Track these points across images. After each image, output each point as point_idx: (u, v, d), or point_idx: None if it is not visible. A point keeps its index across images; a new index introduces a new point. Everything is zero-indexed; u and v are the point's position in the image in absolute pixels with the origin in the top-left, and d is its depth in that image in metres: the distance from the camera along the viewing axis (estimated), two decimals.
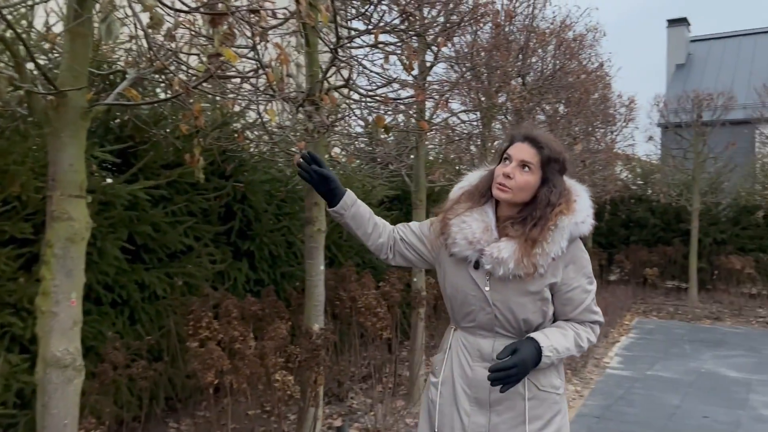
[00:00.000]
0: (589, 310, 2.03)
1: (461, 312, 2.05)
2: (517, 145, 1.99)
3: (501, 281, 1.94)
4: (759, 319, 9.80)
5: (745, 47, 24.54)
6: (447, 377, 2.08)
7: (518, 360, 1.85)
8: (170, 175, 3.81)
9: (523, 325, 1.97)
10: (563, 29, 6.94)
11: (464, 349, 2.05)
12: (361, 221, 2.12)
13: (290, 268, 4.89)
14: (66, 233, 2.18)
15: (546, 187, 1.96)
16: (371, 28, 2.86)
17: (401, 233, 2.18)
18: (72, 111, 2.18)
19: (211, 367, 2.72)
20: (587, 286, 2.02)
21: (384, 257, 2.19)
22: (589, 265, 2.05)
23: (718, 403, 5.51)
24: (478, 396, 2.00)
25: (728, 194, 11.84)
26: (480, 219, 2.00)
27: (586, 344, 2.03)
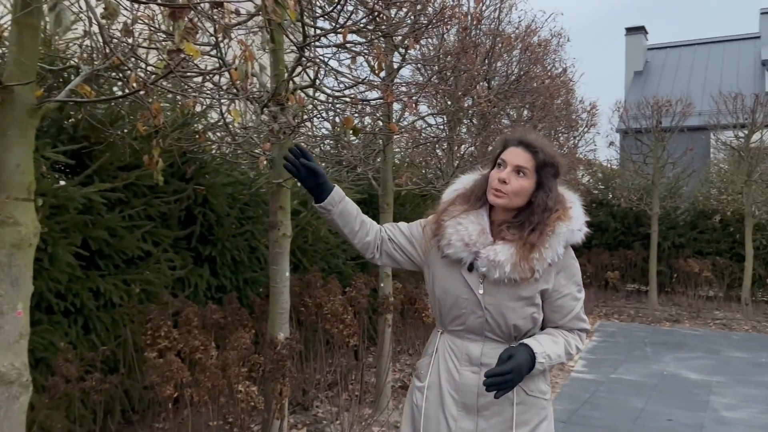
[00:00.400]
0: (578, 317, 2.04)
1: (450, 315, 2.03)
2: (511, 149, 1.98)
3: (495, 285, 1.94)
4: (716, 321, 10.01)
5: (699, 56, 25.25)
6: (433, 381, 2.05)
7: (514, 365, 1.85)
8: (127, 177, 3.65)
9: (513, 330, 1.97)
10: (528, 34, 6.96)
11: (452, 353, 2.03)
12: (348, 218, 2.07)
13: (253, 273, 4.75)
14: (12, 239, 2.02)
15: (542, 191, 1.96)
16: (339, 27, 2.77)
17: (389, 233, 2.15)
18: (19, 108, 2.03)
19: (171, 380, 2.58)
20: (577, 294, 2.04)
21: (370, 256, 2.15)
22: (579, 274, 2.06)
23: (681, 405, 5.57)
24: (465, 401, 1.99)
25: (686, 199, 12.09)
26: (476, 221, 2.00)
27: (574, 351, 2.05)
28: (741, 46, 24.78)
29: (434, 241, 2.05)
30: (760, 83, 21.75)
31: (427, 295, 2.12)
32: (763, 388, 6.18)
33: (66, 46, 3.31)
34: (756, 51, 23.72)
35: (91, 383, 2.71)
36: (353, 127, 2.80)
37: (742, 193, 10.50)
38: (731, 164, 11.66)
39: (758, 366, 7.14)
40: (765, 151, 10.61)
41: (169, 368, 2.60)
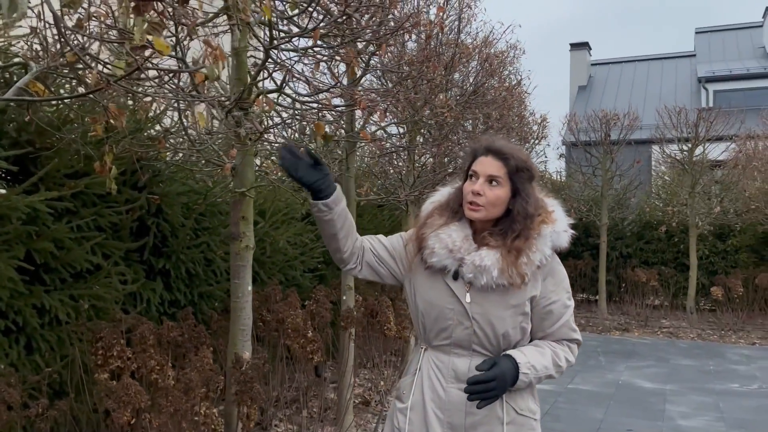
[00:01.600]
0: (568, 326, 1.96)
1: (435, 329, 1.93)
2: (480, 159, 1.92)
3: (482, 293, 1.87)
4: (663, 329, 10.25)
5: (640, 72, 26.16)
6: (417, 401, 1.94)
7: (498, 373, 1.79)
8: (75, 185, 3.40)
9: (502, 341, 1.88)
10: (486, 45, 6.98)
11: (437, 369, 1.92)
12: (346, 221, 1.93)
13: (209, 287, 4.53)
14: None
15: (519, 198, 1.89)
16: (309, 30, 2.64)
17: (370, 244, 2.04)
18: None
19: (128, 405, 2.38)
20: (567, 301, 1.96)
21: (352, 266, 2.03)
22: (567, 280, 1.99)
23: (639, 415, 5.61)
24: (452, 421, 1.88)
25: (633, 210, 12.39)
26: (458, 229, 1.93)
27: (564, 363, 1.96)
28: (678, 63, 25.84)
29: (417, 256, 1.97)
30: (696, 99, 22.67)
31: (389, 307, 2.02)
32: (714, 395, 6.31)
33: (8, 42, 3.07)
34: (692, 68, 24.74)
35: (36, 410, 2.48)
36: (324, 134, 2.66)
37: (687, 204, 10.81)
38: (674, 176, 12.02)
39: (707, 373, 7.31)
40: (707, 164, 10.97)
41: (126, 392, 2.40)
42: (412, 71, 4.24)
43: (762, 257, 11.14)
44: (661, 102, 17.00)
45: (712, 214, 10.70)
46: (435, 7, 5.07)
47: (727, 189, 11.14)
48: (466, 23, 6.32)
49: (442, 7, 4.62)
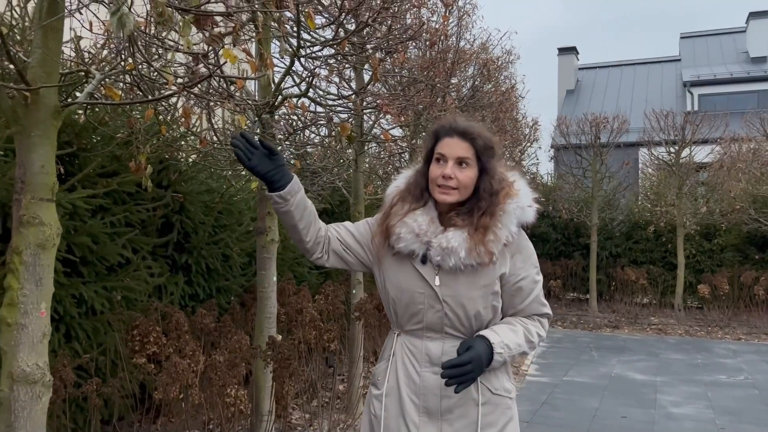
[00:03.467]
0: (538, 301, 1.94)
1: (407, 314, 1.90)
2: (446, 141, 1.88)
3: (451, 275, 1.84)
4: (652, 326, 10.55)
5: (626, 76, 26.61)
6: (392, 387, 1.91)
7: (474, 355, 1.75)
8: (109, 183, 3.62)
9: (474, 322, 1.86)
10: (484, 50, 7.25)
11: (410, 354, 1.90)
12: (305, 210, 1.88)
13: (226, 282, 4.75)
14: (36, 239, 2.03)
15: (486, 176, 1.87)
16: (338, 39, 2.88)
17: (336, 233, 1.99)
18: (43, 109, 2.05)
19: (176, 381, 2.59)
20: (536, 277, 1.94)
21: (318, 256, 1.98)
22: (535, 255, 1.97)
23: (632, 404, 5.88)
24: (427, 405, 1.86)
25: (622, 211, 12.72)
26: (424, 214, 1.90)
27: (536, 339, 1.93)
28: (664, 67, 26.30)
29: (385, 244, 1.93)
30: (681, 102, 23.13)
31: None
32: (702, 386, 6.60)
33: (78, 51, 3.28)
34: (677, 72, 25.21)
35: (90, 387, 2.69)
36: (349, 135, 2.90)
37: (674, 205, 11.14)
38: (661, 178, 12.36)
39: (695, 366, 7.60)
40: (693, 166, 11.31)
41: (175, 370, 2.62)
42: (419, 76, 4.49)
43: (746, 256, 11.50)
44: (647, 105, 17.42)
45: (698, 215, 11.04)
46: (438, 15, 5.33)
47: (712, 190, 11.49)
48: (465, 30, 6.58)
49: (446, 15, 4.87)
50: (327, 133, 4.26)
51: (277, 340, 2.96)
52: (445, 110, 5.45)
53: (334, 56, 3.16)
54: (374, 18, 3.37)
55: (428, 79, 4.70)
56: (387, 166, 6.70)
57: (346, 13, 2.70)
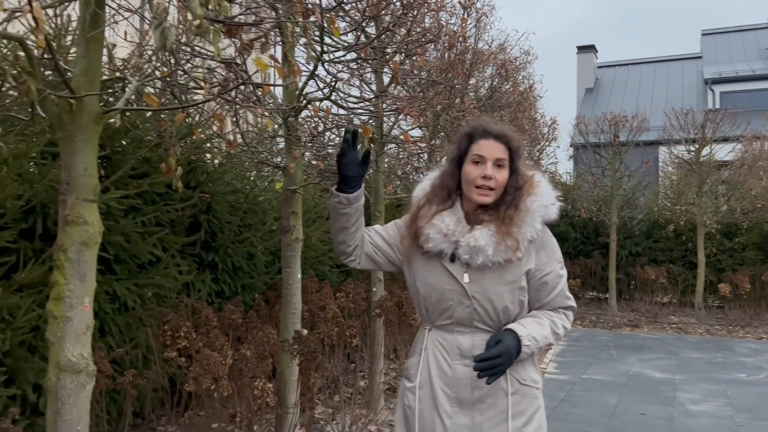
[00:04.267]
0: (563, 294, 2.03)
1: (437, 309, 1.99)
2: (483, 143, 1.96)
3: (479, 272, 1.93)
4: (672, 325, 10.53)
5: (646, 74, 26.43)
6: (424, 380, 2.01)
7: (503, 349, 1.84)
8: (140, 185, 3.77)
9: (502, 316, 1.95)
10: (502, 51, 7.32)
11: (442, 348, 1.99)
12: (359, 219, 2.03)
13: (250, 280, 4.89)
14: (80, 237, 2.16)
15: (515, 176, 1.98)
16: (361, 44, 2.99)
17: (368, 236, 2.11)
18: (86, 115, 2.18)
19: (208, 373, 2.72)
20: (560, 271, 2.02)
21: (352, 259, 2.09)
22: (558, 250, 2.05)
23: (651, 401, 5.93)
24: (459, 396, 1.95)
25: (642, 210, 12.69)
26: (451, 214, 1.98)
27: (561, 331, 2.02)
28: (684, 65, 26.08)
29: (414, 245, 2.02)
30: (702, 100, 22.95)
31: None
32: (722, 384, 6.62)
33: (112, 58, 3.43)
34: (698, 70, 24.98)
35: (127, 378, 2.83)
36: (371, 137, 3.01)
37: (694, 203, 11.11)
38: (681, 177, 12.32)
39: (715, 365, 7.61)
40: (714, 164, 11.27)
41: (207, 362, 2.75)
42: (439, 78, 4.59)
43: None
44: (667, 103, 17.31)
45: (719, 213, 10.99)
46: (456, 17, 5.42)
47: (733, 188, 11.43)
48: (483, 31, 6.66)
49: (465, 18, 4.96)
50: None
51: (303, 334, 3.08)
52: (463, 111, 5.55)
53: (355, 60, 3.27)
54: (395, 23, 3.47)
55: (447, 81, 4.80)
56: (405, 166, 6.80)
57: (369, 19, 2.81)
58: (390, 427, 4.84)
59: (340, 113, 3.65)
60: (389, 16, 3.54)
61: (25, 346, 3.10)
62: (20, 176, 2.99)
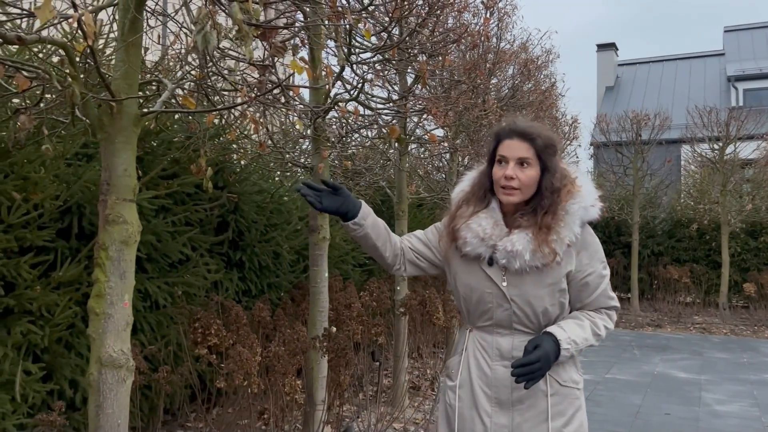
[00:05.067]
0: (605, 295, 2.00)
1: (477, 311, 2.01)
2: (506, 143, 1.95)
3: (517, 275, 1.93)
4: (695, 325, 10.44)
5: (667, 72, 26.14)
6: (465, 379, 2.03)
7: (542, 354, 1.84)
8: (170, 185, 3.84)
9: (542, 318, 1.95)
10: (524, 50, 7.32)
11: (482, 349, 2.01)
12: (380, 230, 2.05)
13: (276, 278, 4.95)
14: (120, 236, 2.23)
15: (548, 174, 1.93)
16: (387, 46, 3.03)
17: (408, 242, 2.15)
18: (126, 117, 2.24)
19: (241, 369, 2.78)
20: (602, 271, 2.00)
21: (397, 268, 2.14)
22: (601, 250, 2.02)
23: (676, 401, 5.89)
24: (499, 396, 1.97)
25: (664, 209, 12.59)
26: (487, 216, 1.99)
27: (603, 332, 2.00)
28: (707, 62, 25.76)
29: (452, 247, 2.04)
30: (726, 98, 22.64)
31: (437, 297, 2.16)
32: (748, 384, 6.56)
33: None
34: (721, 67, 24.66)
35: (162, 374, 2.90)
36: (399, 136, 3.05)
37: (718, 202, 10.99)
38: (705, 175, 12.20)
39: (740, 365, 7.53)
40: (738, 162, 11.14)
41: (240, 358, 2.81)
42: (463, 78, 4.62)
43: None
44: (689, 101, 17.14)
45: (743, 212, 10.87)
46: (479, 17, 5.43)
47: (758, 187, 11.29)
48: (505, 30, 6.66)
49: (488, 18, 4.98)
50: (375, 135, 4.42)
51: (332, 331, 3.13)
52: (485, 111, 5.56)
53: (381, 61, 3.31)
54: (420, 24, 3.51)
55: (471, 81, 4.82)
56: (428, 166, 6.83)
57: (396, 21, 2.85)
58: (415, 425, 4.87)
59: (366, 113, 3.69)
60: (414, 18, 3.57)
61: (62, 343, 3.19)
62: (57, 177, 3.07)
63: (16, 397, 2.84)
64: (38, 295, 2.92)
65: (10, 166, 2.85)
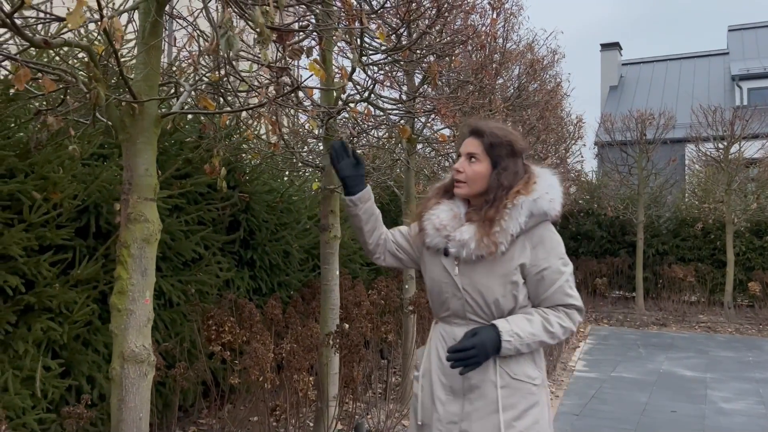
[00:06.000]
0: (562, 291, 2.00)
1: (438, 302, 2.10)
2: (464, 141, 2.10)
3: (469, 265, 2.00)
4: (701, 324, 10.46)
5: (671, 71, 26.14)
6: (426, 369, 2.12)
7: (477, 341, 1.90)
8: (183, 185, 3.90)
9: (494, 309, 1.99)
10: (529, 50, 7.36)
11: (442, 339, 2.09)
12: (371, 217, 2.18)
13: (286, 277, 5.01)
14: (142, 234, 2.28)
15: (496, 170, 2.02)
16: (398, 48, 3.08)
17: (392, 236, 2.27)
18: (147, 119, 2.30)
19: (257, 364, 2.83)
20: (561, 267, 2.01)
21: (377, 257, 2.26)
22: (560, 247, 2.05)
23: (682, 399, 5.93)
24: (452, 384, 2.03)
25: (669, 208, 12.61)
26: (448, 209, 2.08)
27: (558, 330, 1.99)
28: (711, 61, 25.74)
29: (419, 236, 2.14)
30: (730, 97, 22.64)
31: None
32: (754, 383, 6.59)
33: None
34: (725, 66, 24.65)
35: (179, 370, 2.96)
36: (409, 136, 3.10)
37: (723, 201, 11.01)
38: (709, 174, 12.21)
39: (746, 364, 7.57)
40: (743, 161, 11.16)
41: (256, 354, 2.86)
42: (471, 79, 4.67)
43: None
44: (693, 100, 17.13)
45: (748, 211, 10.88)
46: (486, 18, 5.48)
47: (763, 186, 11.31)
48: (511, 31, 6.71)
49: (495, 19, 5.03)
50: (386, 135, 4.48)
51: (345, 328, 3.18)
52: (492, 110, 5.61)
53: (391, 63, 3.37)
54: (430, 26, 3.56)
55: (478, 81, 4.87)
56: (434, 166, 6.88)
57: (407, 24, 2.90)
58: None
59: (376, 113, 3.74)
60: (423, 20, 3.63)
61: (80, 340, 3.25)
62: (74, 177, 3.13)
63: (36, 392, 2.90)
64: (57, 292, 2.98)
65: (30, 166, 2.92)
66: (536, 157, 7.32)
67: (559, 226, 8.69)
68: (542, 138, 7.70)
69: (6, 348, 2.88)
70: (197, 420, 4.52)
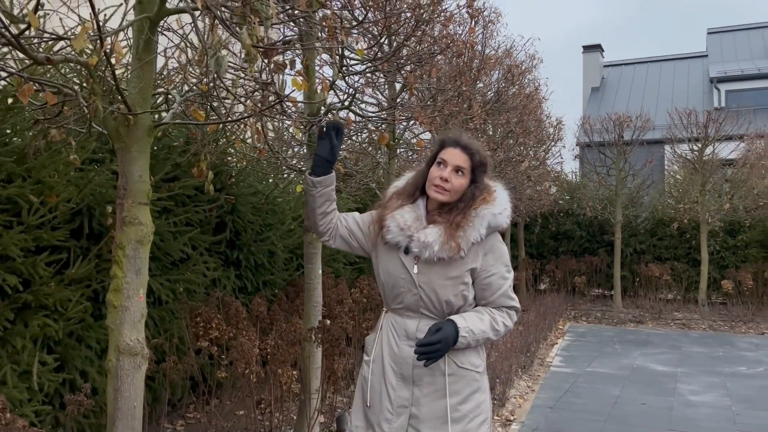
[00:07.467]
0: (506, 295, 2.27)
1: (392, 294, 2.27)
2: (449, 150, 2.23)
3: (427, 265, 2.18)
4: (676, 321, 10.76)
5: (652, 73, 26.58)
6: (377, 355, 2.28)
7: (442, 336, 2.09)
8: (171, 188, 4.06)
9: (445, 306, 2.20)
10: (508, 56, 7.59)
11: (393, 329, 2.26)
12: (326, 201, 2.32)
13: (271, 276, 5.19)
14: (136, 236, 2.46)
15: (473, 186, 2.24)
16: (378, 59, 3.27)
17: (344, 219, 2.40)
18: (141, 128, 2.47)
19: (243, 358, 3.01)
20: (505, 274, 2.26)
21: (326, 239, 2.41)
22: (506, 256, 2.30)
23: (652, 392, 6.19)
24: (403, 372, 2.21)
25: (646, 208, 12.92)
26: (411, 211, 2.24)
27: (502, 328, 2.25)
28: (690, 63, 26.22)
29: (379, 235, 2.30)
30: (708, 99, 23.10)
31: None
32: (722, 376, 6.87)
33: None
34: (704, 68, 25.12)
35: (169, 363, 3.13)
36: (388, 143, 3.29)
37: (698, 202, 11.33)
38: (685, 175, 12.53)
39: (716, 359, 7.85)
40: (717, 163, 11.48)
41: (242, 348, 3.04)
42: (448, 86, 4.87)
43: None
44: (673, 102, 17.51)
45: (722, 211, 11.20)
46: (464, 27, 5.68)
47: (736, 187, 11.64)
48: (489, 38, 6.94)
49: (473, 28, 5.24)
50: (367, 140, 4.67)
51: (327, 324, 3.36)
52: (470, 117, 5.82)
53: (371, 72, 3.56)
54: (407, 37, 3.76)
55: (456, 88, 5.07)
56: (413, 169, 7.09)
57: (387, 36, 3.10)
58: None
59: (357, 120, 3.93)
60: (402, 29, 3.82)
61: (74, 336, 3.41)
62: (69, 181, 3.29)
63: (32, 386, 3.06)
64: (53, 291, 3.15)
65: (27, 171, 3.08)
66: (514, 160, 7.54)
67: (539, 225, 9.13)
68: (520, 141, 7.92)
69: (4, 344, 3.04)
70: (185, 414, 4.69)
